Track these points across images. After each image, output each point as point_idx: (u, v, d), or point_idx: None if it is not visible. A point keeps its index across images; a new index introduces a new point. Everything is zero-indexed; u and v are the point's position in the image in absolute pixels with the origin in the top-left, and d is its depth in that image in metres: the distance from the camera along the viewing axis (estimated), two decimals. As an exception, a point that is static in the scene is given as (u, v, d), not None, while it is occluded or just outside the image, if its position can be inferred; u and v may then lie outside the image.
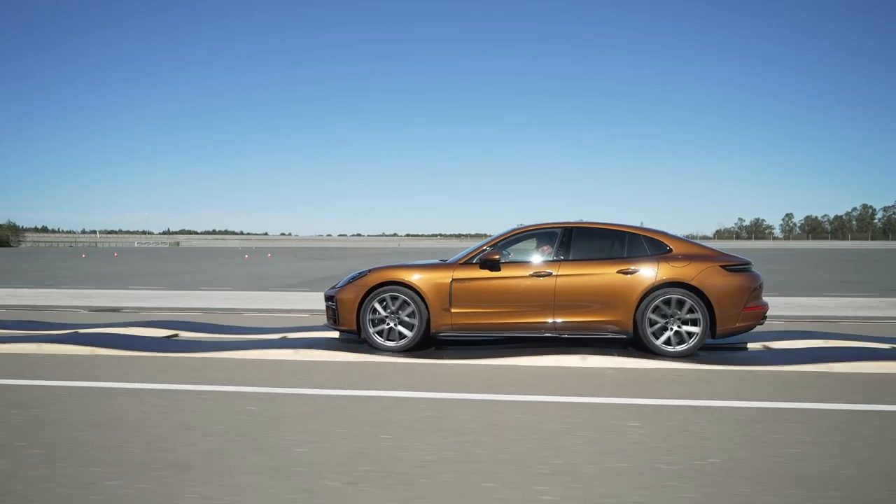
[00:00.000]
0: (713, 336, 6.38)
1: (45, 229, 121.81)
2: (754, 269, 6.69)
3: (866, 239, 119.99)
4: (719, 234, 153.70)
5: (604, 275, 6.45)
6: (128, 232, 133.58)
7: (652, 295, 6.32)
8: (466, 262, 6.65)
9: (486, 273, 6.54)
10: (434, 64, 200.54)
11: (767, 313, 6.66)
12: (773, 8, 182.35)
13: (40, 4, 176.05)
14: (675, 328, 6.30)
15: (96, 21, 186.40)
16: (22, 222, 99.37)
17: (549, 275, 6.47)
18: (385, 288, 6.50)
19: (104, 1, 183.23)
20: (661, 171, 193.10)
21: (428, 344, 6.75)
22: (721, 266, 6.45)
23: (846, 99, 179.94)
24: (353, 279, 6.71)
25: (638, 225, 6.87)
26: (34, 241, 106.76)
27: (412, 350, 6.46)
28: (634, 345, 6.63)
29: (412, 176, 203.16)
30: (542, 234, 6.85)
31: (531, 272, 6.50)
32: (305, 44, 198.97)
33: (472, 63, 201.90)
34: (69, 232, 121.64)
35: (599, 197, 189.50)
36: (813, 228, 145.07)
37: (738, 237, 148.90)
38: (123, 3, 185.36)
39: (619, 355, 6.11)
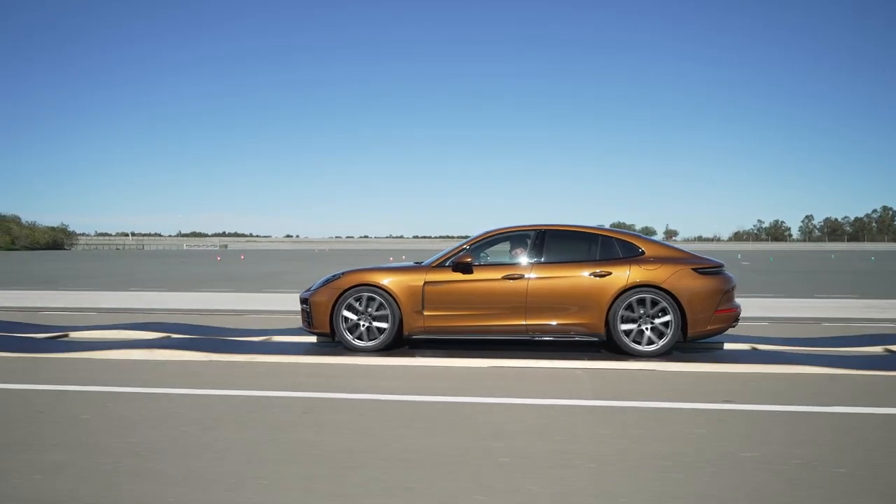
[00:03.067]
0: (685, 338, 6.40)
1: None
2: (727, 271, 6.69)
3: (883, 241, 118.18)
4: (737, 236, 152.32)
5: (575, 277, 6.48)
6: (144, 234, 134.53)
7: (623, 296, 6.34)
8: (439, 265, 6.70)
9: (458, 276, 6.59)
10: (440, 65, 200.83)
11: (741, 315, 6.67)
12: (798, 9, 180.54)
13: (48, 4, 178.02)
14: (647, 328, 6.31)
15: (97, 21, 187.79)
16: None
17: (521, 277, 6.51)
18: (358, 289, 6.58)
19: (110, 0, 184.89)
20: (679, 174, 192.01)
21: (401, 343, 6.80)
22: (693, 268, 6.46)
23: (867, 100, 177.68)
24: (327, 282, 6.79)
25: (609, 227, 6.91)
26: (87, 244, 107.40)
27: (385, 350, 6.52)
28: (606, 347, 6.65)
29: (416, 177, 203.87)
30: (516, 237, 6.90)
31: (503, 275, 6.54)
32: (311, 44, 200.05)
33: (480, 64, 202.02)
34: (82, 234, 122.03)
35: (618, 200, 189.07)
36: (833, 230, 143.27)
37: (758, 239, 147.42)
38: (130, 2, 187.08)
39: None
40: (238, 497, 2.86)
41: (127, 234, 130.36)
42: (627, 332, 6.32)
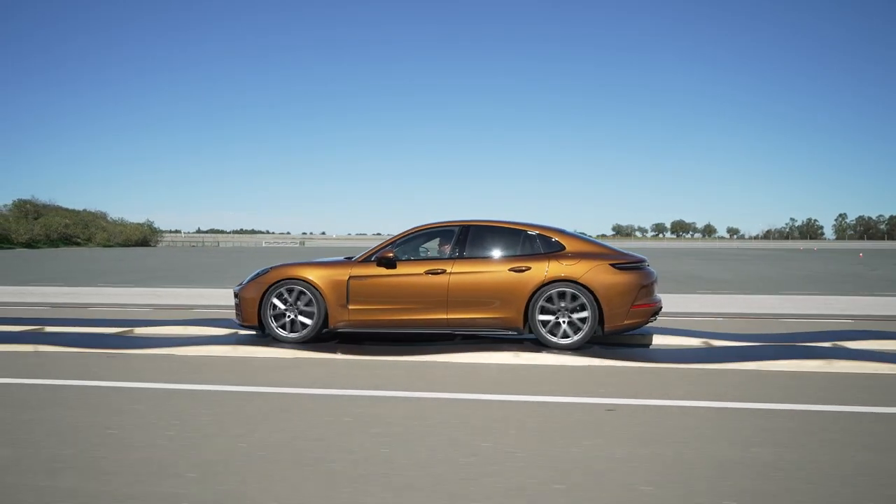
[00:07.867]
0: (602, 332, 6.47)
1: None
2: (647, 266, 6.74)
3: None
4: (769, 235, 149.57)
5: (495, 272, 6.59)
6: (167, 231, 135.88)
7: (541, 290, 6.43)
8: (365, 260, 6.87)
9: (382, 271, 6.73)
10: (445, 66, 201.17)
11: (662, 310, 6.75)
12: (836, 9, 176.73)
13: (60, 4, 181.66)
14: (565, 321, 6.40)
15: (101, 20, 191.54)
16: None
17: (443, 272, 6.63)
18: (285, 283, 6.76)
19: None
20: (713, 174, 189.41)
21: (330, 336, 6.97)
22: (611, 264, 6.52)
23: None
24: (255, 277, 6.98)
25: (534, 223, 6.99)
26: (172, 242, 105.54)
27: (311, 342, 6.70)
28: (531, 342, 6.75)
29: (422, 176, 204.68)
30: (441, 233, 7.03)
31: (425, 270, 6.68)
32: (313, 44, 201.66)
33: (485, 64, 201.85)
34: (172, 231, 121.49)
35: (650, 199, 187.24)
36: (866, 229, 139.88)
37: (790, 237, 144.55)
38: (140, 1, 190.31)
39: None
40: None
41: (178, 232, 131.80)
42: (546, 325, 6.41)
